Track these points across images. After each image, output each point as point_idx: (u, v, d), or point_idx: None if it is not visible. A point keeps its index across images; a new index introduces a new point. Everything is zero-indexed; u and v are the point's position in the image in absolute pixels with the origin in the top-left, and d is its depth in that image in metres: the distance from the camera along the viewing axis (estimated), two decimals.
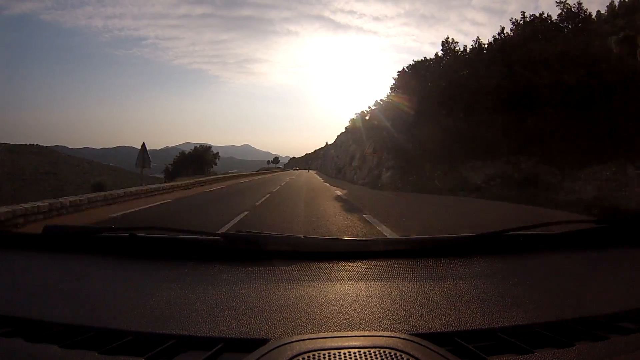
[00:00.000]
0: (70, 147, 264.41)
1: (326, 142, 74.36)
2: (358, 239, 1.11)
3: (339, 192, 14.09)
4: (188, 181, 16.64)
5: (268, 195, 12.07)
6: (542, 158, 11.83)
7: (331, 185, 20.41)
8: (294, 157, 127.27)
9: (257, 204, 9.36)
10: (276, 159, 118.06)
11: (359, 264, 0.95)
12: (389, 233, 5.20)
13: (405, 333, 0.61)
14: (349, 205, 9.17)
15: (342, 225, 6.04)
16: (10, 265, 0.97)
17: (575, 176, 10.30)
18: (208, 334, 0.61)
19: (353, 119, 32.19)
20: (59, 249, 1.04)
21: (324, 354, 0.53)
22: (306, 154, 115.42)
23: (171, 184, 14.97)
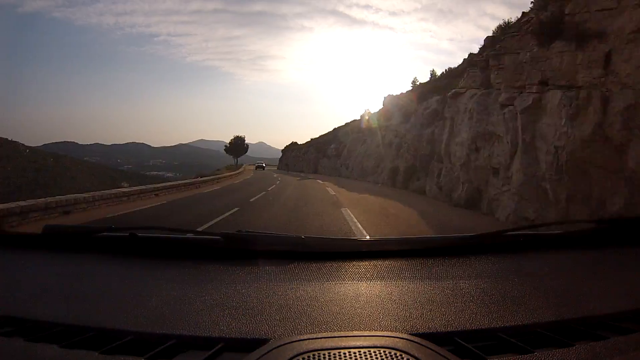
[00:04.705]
0: (80, 142, 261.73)
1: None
2: (358, 238, 1.11)
3: None
4: None
5: None
6: None
7: None
8: (294, 142, 55.20)
9: None
10: (238, 142, 55.01)
11: (359, 263, 0.95)
12: None
13: (405, 333, 0.61)
14: None
15: None
16: (10, 265, 0.97)
17: None
18: (208, 334, 0.61)
19: None
20: (58, 249, 1.04)
21: (324, 354, 0.53)
22: (311, 139, 48.51)
23: None
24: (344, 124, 36.83)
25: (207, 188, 14.99)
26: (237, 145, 56.18)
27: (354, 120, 32.39)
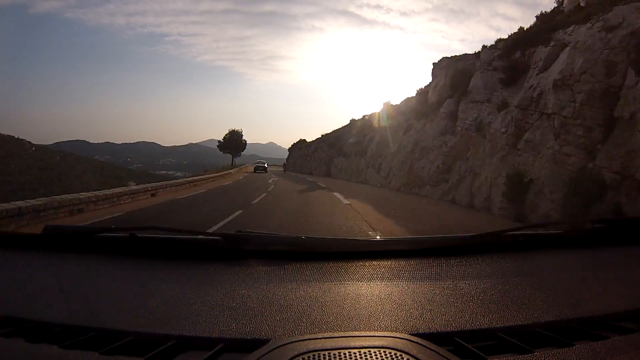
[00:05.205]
0: (90, 141, 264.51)
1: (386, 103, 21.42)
2: (358, 238, 1.11)
3: None
4: None
5: None
6: None
7: None
8: (302, 140, 47.06)
9: None
10: (234, 137, 47.44)
11: (359, 264, 0.95)
12: None
13: (405, 333, 0.61)
14: None
15: None
16: (10, 266, 0.97)
17: None
18: (208, 335, 0.61)
19: None
20: (59, 249, 1.04)
21: (324, 354, 0.53)
22: (322, 135, 38.47)
23: None
24: (361, 116, 28.04)
25: (100, 212, 7.36)
26: (233, 142, 47.07)
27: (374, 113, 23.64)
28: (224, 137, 48.13)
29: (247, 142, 50.84)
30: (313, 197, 11.04)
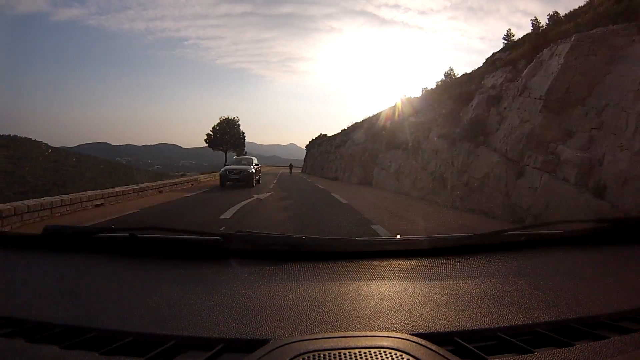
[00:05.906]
0: (112, 143, 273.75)
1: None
2: (358, 238, 1.11)
3: None
4: None
5: None
6: None
7: None
8: (322, 135, 37.20)
9: None
10: (226, 128, 33.77)
11: (359, 263, 0.95)
12: None
13: (405, 333, 0.61)
14: None
15: None
16: (10, 266, 0.97)
17: None
18: (208, 335, 0.61)
19: None
20: (59, 249, 1.04)
21: (324, 354, 0.53)
22: (349, 126, 25.04)
23: None
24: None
25: None
26: (225, 133, 33.61)
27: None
28: (213, 128, 34.38)
29: (245, 136, 39.25)
30: None
